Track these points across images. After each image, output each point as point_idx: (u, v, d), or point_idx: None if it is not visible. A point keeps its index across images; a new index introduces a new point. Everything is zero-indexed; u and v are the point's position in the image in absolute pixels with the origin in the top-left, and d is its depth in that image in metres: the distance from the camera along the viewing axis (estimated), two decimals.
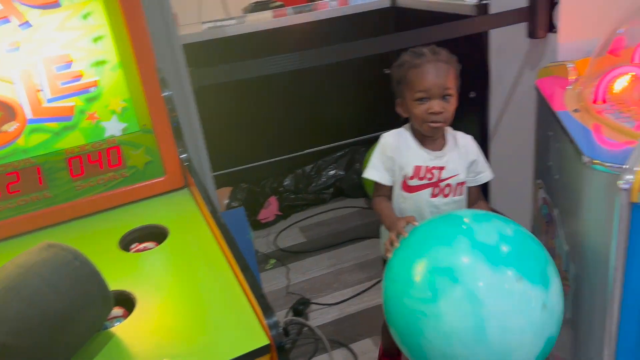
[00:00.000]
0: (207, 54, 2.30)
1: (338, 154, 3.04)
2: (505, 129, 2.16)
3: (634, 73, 1.43)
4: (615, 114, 1.33)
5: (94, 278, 0.87)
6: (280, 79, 2.77)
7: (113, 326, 0.96)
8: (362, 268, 2.39)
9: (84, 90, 1.20)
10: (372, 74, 3.03)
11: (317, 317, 2.13)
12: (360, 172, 2.92)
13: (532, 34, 1.81)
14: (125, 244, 1.22)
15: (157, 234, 1.24)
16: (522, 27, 1.83)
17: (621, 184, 1.03)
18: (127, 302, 1.03)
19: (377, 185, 1.46)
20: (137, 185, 1.33)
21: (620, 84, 1.48)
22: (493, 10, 2.02)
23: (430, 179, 1.41)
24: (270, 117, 2.92)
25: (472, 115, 2.34)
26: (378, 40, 1.87)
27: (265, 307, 0.92)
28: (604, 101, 1.40)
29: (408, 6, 2.87)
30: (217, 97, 2.36)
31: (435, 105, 1.34)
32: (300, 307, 2.15)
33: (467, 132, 1.51)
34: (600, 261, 1.18)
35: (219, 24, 2.82)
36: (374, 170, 1.44)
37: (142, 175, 1.33)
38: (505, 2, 1.92)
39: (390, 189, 1.45)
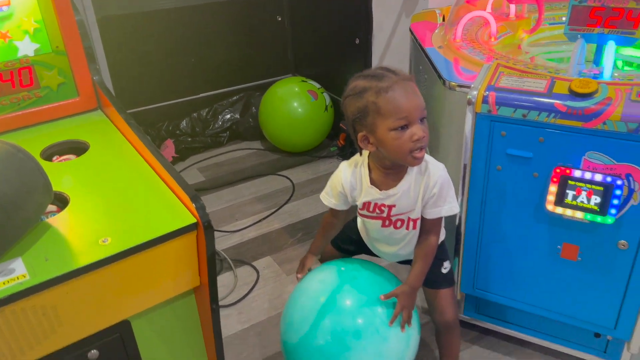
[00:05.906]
0: None
1: (234, 97, 3.16)
2: None
3: (484, 17, 1.75)
4: (469, 50, 1.64)
5: (36, 168, 0.98)
6: (173, 19, 2.81)
7: (49, 219, 1.08)
8: (261, 200, 2.60)
9: None
10: (266, 19, 3.17)
11: (220, 243, 2.31)
12: (255, 115, 3.08)
13: None
14: (46, 157, 1.30)
15: (77, 149, 1.34)
16: None
17: (469, 98, 1.33)
18: (60, 202, 1.13)
19: None
20: (50, 106, 1.40)
21: (474, 26, 1.81)
22: None
23: (379, 214, 1.34)
24: (164, 60, 2.94)
25: (357, 59, 2.60)
26: None
27: (193, 195, 1.09)
28: (462, 40, 1.71)
29: None
30: (107, 35, 2.34)
31: (419, 130, 1.18)
32: None
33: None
34: (454, 159, 1.50)
35: None
36: (329, 197, 1.41)
37: (56, 96, 1.40)
38: None
39: (341, 212, 1.44)
